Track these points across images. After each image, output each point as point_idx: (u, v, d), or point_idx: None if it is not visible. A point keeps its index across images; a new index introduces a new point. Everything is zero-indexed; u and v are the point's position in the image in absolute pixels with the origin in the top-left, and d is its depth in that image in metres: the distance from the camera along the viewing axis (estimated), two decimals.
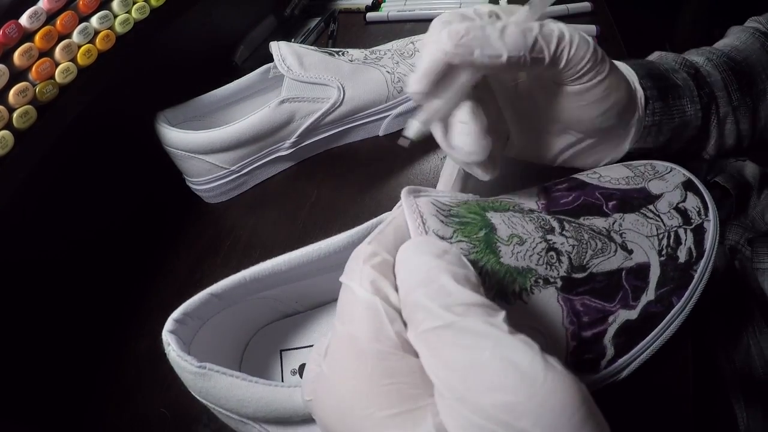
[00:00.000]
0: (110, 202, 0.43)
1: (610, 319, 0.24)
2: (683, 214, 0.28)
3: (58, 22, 0.32)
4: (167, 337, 0.24)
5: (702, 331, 0.42)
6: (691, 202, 0.28)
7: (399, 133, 0.45)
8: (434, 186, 0.40)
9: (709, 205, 0.28)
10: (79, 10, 0.33)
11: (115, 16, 0.36)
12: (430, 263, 0.18)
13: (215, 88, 0.45)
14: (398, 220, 0.23)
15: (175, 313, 0.25)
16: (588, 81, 0.26)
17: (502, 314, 0.17)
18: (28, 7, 0.30)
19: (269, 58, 0.43)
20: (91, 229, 0.41)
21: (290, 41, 0.44)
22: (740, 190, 0.49)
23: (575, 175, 0.31)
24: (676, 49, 0.37)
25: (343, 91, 0.42)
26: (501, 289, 0.22)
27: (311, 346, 0.30)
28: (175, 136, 0.40)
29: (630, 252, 0.25)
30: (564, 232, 0.25)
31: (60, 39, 0.32)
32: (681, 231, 0.27)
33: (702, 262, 0.26)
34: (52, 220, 0.38)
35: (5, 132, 0.29)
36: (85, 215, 0.41)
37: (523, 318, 0.22)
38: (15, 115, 0.30)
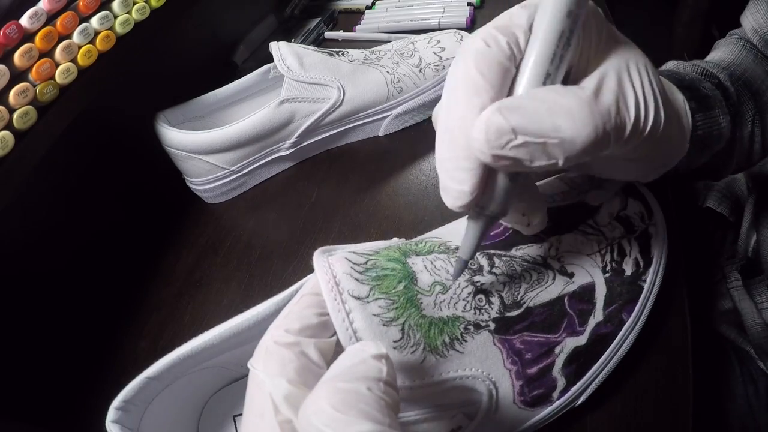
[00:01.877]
0: (110, 202, 0.43)
1: (557, 350, 0.23)
2: (625, 222, 0.26)
3: (59, 22, 0.32)
4: (110, 427, 0.22)
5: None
6: (633, 208, 0.27)
7: (399, 133, 0.46)
8: (435, 185, 0.41)
9: (653, 208, 0.27)
10: (79, 11, 0.33)
11: (116, 17, 0.36)
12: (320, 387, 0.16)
13: (215, 88, 0.45)
14: (311, 289, 0.21)
15: (115, 402, 0.23)
16: (644, 148, 0.21)
17: None
18: (29, 8, 0.30)
19: (269, 59, 0.43)
20: (91, 229, 0.41)
21: (290, 41, 0.44)
22: (737, 216, 0.48)
23: None
24: (675, 48, 0.36)
25: (343, 92, 0.42)
26: (429, 343, 0.21)
27: None
28: (175, 136, 0.40)
29: (571, 276, 0.24)
30: (493, 270, 0.24)
31: (60, 39, 0.32)
32: (624, 242, 0.25)
33: (650, 271, 0.25)
34: (52, 220, 0.38)
35: (5, 132, 0.29)
36: (85, 215, 0.41)
37: (461, 368, 0.21)
38: (15, 115, 0.30)
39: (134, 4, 0.37)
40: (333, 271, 0.21)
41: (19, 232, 0.36)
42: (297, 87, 0.41)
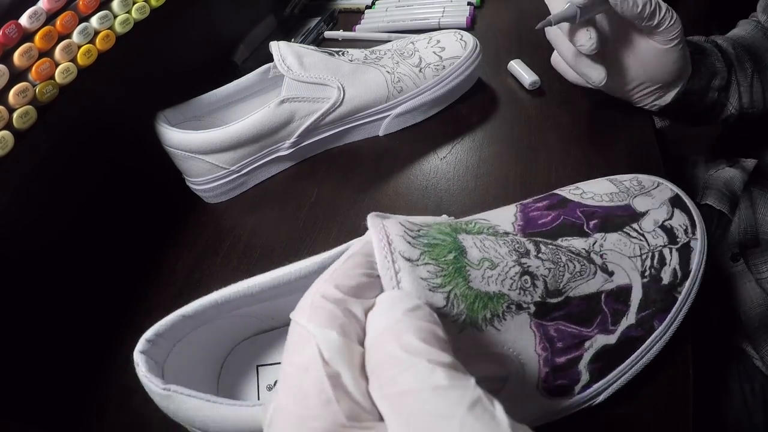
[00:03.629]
0: (110, 202, 0.43)
1: (587, 344, 0.23)
2: (669, 232, 0.27)
3: (58, 22, 0.32)
4: (137, 357, 0.23)
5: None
6: (678, 220, 0.27)
7: (399, 133, 0.46)
8: (435, 185, 0.40)
9: (697, 223, 0.28)
10: (79, 10, 0.33)
11: (115, 17, 0.36)
12: (399, 319, 0.17)
13: (215, 88, 0.45)
14: (360, 249, 0.21)
15: (147, 333, 0.24)
16: (673, 44, 0.36)
17: (471, 380, 0.15)
18: (28, 7, 0.30)
19: (269, 58, 0.43)
20: (91, 229, 0.41)
21: (290, 41, 0.44)
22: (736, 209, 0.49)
23: (557, 191, 0.30)
24: None
25: (343, 91, 0.42)
26: (471, 315, 0.21)
27: None
28: (175, 136, 0.40)
29: (611, 274, 0.25)
30: (540, 255, 0.24)
31: (60, 39, 0.32)
32: (666, 251, 0.26)
33: (687, 284, 0.26)
34: (52, 220, 0.38)
35: (5, 132, 0.29)
36: (85, 215, 0.41)
37: (494, 345, 0.22)
38: (15, 115, 0.30)
39: (134, 3, 0.37)
40: (387, 230, 0.22)
41: (18, 232, 0.36)
42: (297, 86, 0.41)
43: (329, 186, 0.43)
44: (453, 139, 0.44)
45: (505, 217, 0.27)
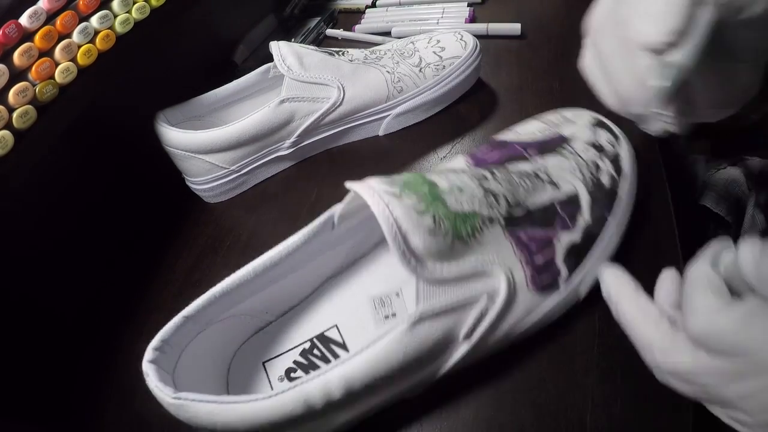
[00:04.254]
0: (110, 202, 0.43)
1: (555, 242, 0.27)
2: (597, 147, 0.31)
3: (58, 21, 0.32)
4: (147, 367, 0.23)
5: None
6: (602, 136, 0.32)
7: (399, 133, 0.46)
8: None
9: (619, 135, 0.32)
10: (79, 10, 0.33)
11: (115, 16, 0.36)
12: None
13: (215, 88, 0.45)
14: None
15: (153, 342, 0.24)
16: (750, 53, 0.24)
17: None
18: (28, 7, 0.30)
19: (269, 58, 0.43)
20: (91, 228, 0.41)
21: (290, 41, 0.44)
22: (734, 217, 0.48)
23: (494, 137, 0.35)
24: None
25: (343, 91, 0.42)
26: (455, 232, 0.25)
27: (292, 348, 0.30)
28: (175, 136, 0.40)
29: (558, 186, 0.29)
30: (496, 178, 0.28)
31: (60, 39, 0.32)
32: (598, 161, 0.31)
33: (624, 181, 0.30)
34: (52, 220, 0.38)
35: (5, 132, 0.29)
36: (85, 215, 0.41)
37: (481, 253, 0.25)
38: (15, 115, 0.30)
39: (134, 3, 0.37)
40: (366, 182, 0.26)
41: (19, 231, 0.36)
42: (297, 86, 0.41)
43: (329, 186, 0.43)
44: (453, 139, 0.44)
45: (457, 163, 0.32)
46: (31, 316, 0.36)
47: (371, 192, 0.25)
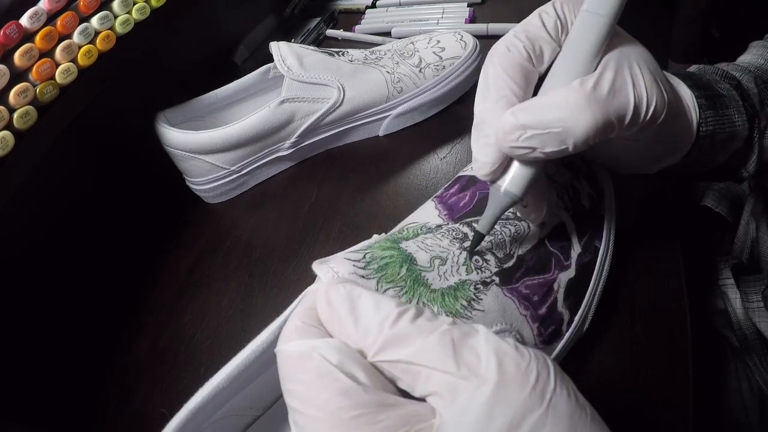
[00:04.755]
0: (110, 202, 0.43)
1: (555, 286, 0.25)
2: (570, 167, 0.30)
3: (59, 22, 0.32)
4: None
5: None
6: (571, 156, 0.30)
7: (399, 133, 0.46)
8: (435, 184, 0.41)
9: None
10: (79, 11, 0.33)
11: (116, 17, 0.36)
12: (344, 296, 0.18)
13: (215, 88, 0.45)
14: (309, 304, 0.20)
15: None
16: (648, 131, 0.24)
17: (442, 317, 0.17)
18: (29, 8, 0.30)
19: (269, 58, 0.43)
20: (90, 229, 0.41)
21: (290, 41, 0.44)
22: (735, 217, 0.48)
23: (461, 174, 0.32)
24: (675, 48, 0.37)
25: (343, 91, 0.42)
26: (449, 311, 0.22)
27: None
28: (175, 136, 0.40)
29: (542, 224, 0.27)
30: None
31: (60, 39, 0.32)
32: (575, 182, 0.29)
33: (605, 200, 0.29)
34: (52, 220, 0.38)
35: (6, 132, 0.29)
36: (85, 215, 0.41)
37: (489, 324, 0.23)
38: (15, 115, 0.30)
39: (134, 3, 0.37)
40: (338, 274, 0.22)
41: (19, 232, 0.36)
42: (297, 87, 0.41)
43: (329, 186, 0.43)
44: (453, 139, 0.44)
45: (428, 213, 0.29)
46: (31, 316, 0.36)
47: (337, 288, 0.20)
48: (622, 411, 0.26)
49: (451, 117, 0.46)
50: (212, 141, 0.40)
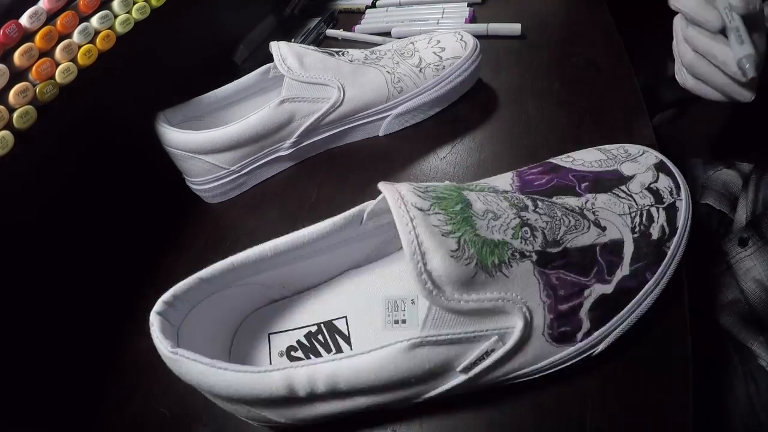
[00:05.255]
0: (110, 202, 0.43)
1: (586, 292, 0.25)
2: (655, 193, 0.29)
3: (59, 22, 0.32)
4: (153, 318, 0.25)
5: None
6: (663, 182, 0.29)
7: (399, 133, 0.46)
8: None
9: (681, 185, 0.30)
10: (79, 10, 0.33)
11: (116, 16, 0.36)
12: None
13: (215, 88, 0.45)
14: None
15: (165, 296, 0.25)
16: None
17: None
18: (29, 7, 0.30)
19: (269, 58, 0.43)
20: (90, 229, 0.41)
21: (290, 41, 0.44)
22: (736, 213, 0.49)
23: (550, 160, 0.33)
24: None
25: (343, 91, 0.42)
26: (481, 260, 0.23)
27: (299, 328, 0.31)
28: (175, 136, 0.40)
29: (603, 229, 0.27)
30: (537, 210, 0.26)
31: (60, 39, 0.32)
32: (653, 209, 0.28)
33: (675, 239, 0.28)
34: (52, 220, 0.38)
35: (5, 132, 0.29)
36: (85, 215, 0.41)
37: (505, 290, 0.24)
38: (15, 115, 0.30)
39: (134, 3, 0.37)
40: (398, 189, 0.25)
41: (19, 232, 0.36)
42: (297, 87, 0.41)
43: (329, 186, 0.43)
44: (453, 139, 0.44)
45: (504, 180, 0.30)
46: (30, 315, 0.36)
47: (399, 202, 0.24)
48: (622, 411, 0.26)
49: (451, 117, 0.46)
50: (212, 141, 0.40)
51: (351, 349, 0.30)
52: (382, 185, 0.25)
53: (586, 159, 0.32)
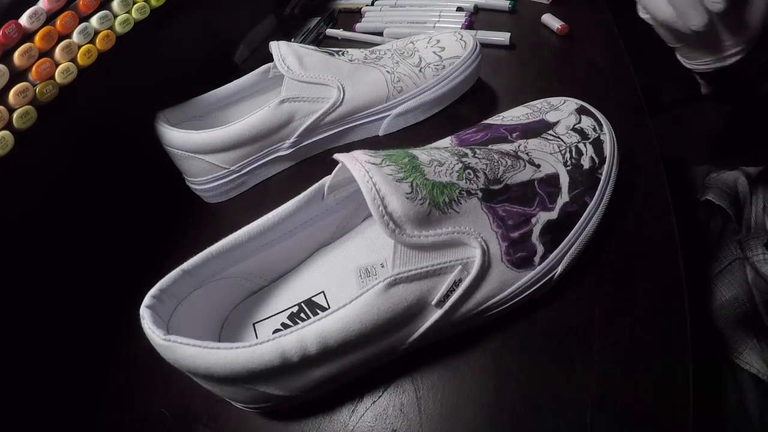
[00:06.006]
0: (110, 202, 0.43)
1: (533, 220, 0.28)
2: (580, 132, 0.33)
3: (58, 22, 0.32)
4: (143, 311, 0.26)
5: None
6: (586, 122, 0.33)
7: (399, 133, 0.46)
8: None
9: (603, 123, 0.33)
10: (79, 10, 0.33)
11: (115, 16, 0.36)
12: None
13: (215, 88, 0.45)
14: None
15: (152, 290, 0.27)
16: None
17: None
18: (28, 7, 0.30)
19: (269, 58, 0.43)
20: (90, 229, 0.41)
21: (290, 41, 0.44)
22: (736, 210, 0.49)
23: (482, 122, 0.37)
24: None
25: (343, 91, 0.42)
26: (433, 199, 0.26)
27: (281, 312, 0.32)
28: (175, 136, 0.40)
29: (538, 166, 0.30)
30: (476, 156, 0.29)
31: (60, 39, 0.32)
32: (581, 145, 0.32)
33: (605, 166, 0.31)
34: (52, 220, 0.38)
35: (5, 132, 0.29)
36: (85, 215, 0.41)
37: (458, 224, 0.26)
38: (15, 115, 0.30)
39: (134, 3, 0.37)
40: (352, 154, 0.27)
41: (18, 232, 0.36)
42: (297, 86, 0.41)
43: None
44: None
45: (443, 142, 0.34)
46: (30, 316, 0.36)
47: (354, 162, 0.26)
48: (622, 411, 0.26)
49: (451, 117, 0.46)
50: (212, 141, 0.40)
51: None
52: (337, 155, 0.28)
53: (514, 115, 0.36)
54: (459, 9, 0.58)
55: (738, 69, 0.36)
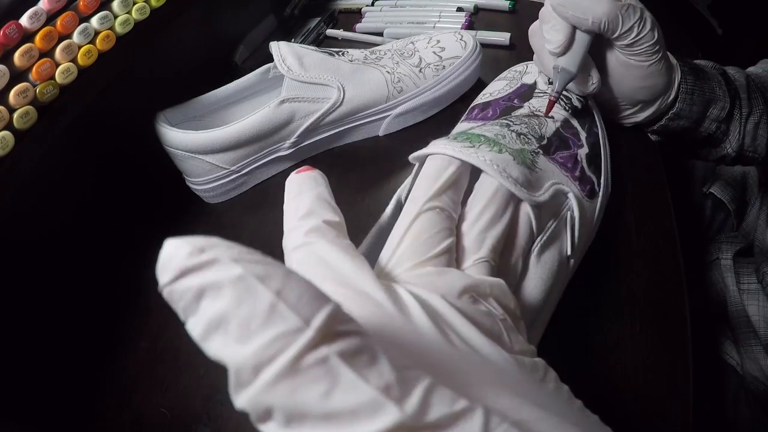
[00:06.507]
0: (110, 202, 0.43)
1: (579, 158, 0.32)
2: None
3: (59, 22, 0.32)
4: None
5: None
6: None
7: (399, 133, 0.46)
8: None
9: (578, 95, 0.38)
10: (79, 11, 0.33)
11: (116, 17, 0.36)
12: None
13: (215, 88, 0.45)
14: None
15: None
16: (642, 60, 0.34)
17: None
18: (29, 8, 0.30)
19: (269, 58, 0.43)
20: (90, 229, 0.41)
21: (290, 41, 0.44)
22: (738, 204, 0.49)
23: (472, 105, 0.40)
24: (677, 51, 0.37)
25: (343, 91, 0.42)
26: (525, 163, 0.28)
27: None
28: (175, 136, 0.40)
29: (552, 117, 0.34)
30: (516, 123, 0.33)
31: (60, 39, 0.32)
32: (565, 95, 0.37)
33: (589, 103, 0.37)
34: (52, 221, 0.38)
35: (6, 132, 0.29)
36: (85, 215, 0.41)
37: (548, 179, 0.29)
38: (15, 115, 0.30)
39: (134, 3, 0.37)
40: (439, 148, 0.28)
41: (18, 232, 0.36)
42: (297, 87, 0.41)
43: (329, 186, 0.43)
44: None
45: (465, 126, 0.37)
46: (30, 315, 0.37)
47: (459, 152, 0.27)
48: (622, 411, 0.26)
49: (451, 117, 0.46)
50: (212, 141, 0.40)
51: None
52: (430, 150, 0.28)
53: (497, 88, 0.39)
54: (459, 9, 0.58)
55: (675, 128, 0.38)
